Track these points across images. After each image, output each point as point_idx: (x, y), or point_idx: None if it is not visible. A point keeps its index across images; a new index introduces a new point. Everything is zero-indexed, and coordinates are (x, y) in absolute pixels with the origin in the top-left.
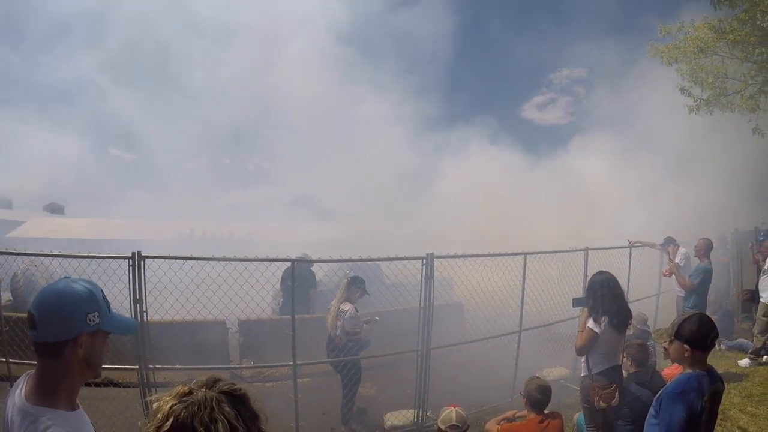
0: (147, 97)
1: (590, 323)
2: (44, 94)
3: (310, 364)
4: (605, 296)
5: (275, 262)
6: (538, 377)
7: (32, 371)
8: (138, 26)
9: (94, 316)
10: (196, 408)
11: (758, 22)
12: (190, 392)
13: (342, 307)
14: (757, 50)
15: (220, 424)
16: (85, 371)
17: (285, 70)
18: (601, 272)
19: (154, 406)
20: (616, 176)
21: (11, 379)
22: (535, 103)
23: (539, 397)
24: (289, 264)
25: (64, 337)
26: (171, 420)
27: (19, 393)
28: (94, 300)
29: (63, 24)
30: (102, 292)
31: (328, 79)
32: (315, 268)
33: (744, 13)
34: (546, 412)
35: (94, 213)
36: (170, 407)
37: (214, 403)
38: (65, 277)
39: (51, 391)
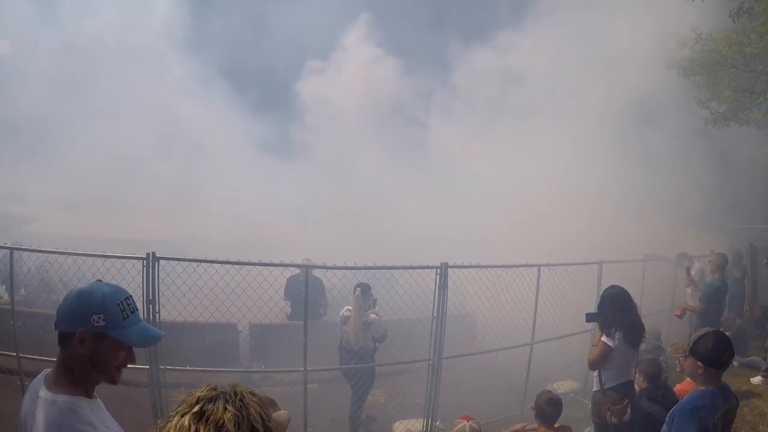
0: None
1: (604, 337)
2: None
3: (320, 371)
4: (618, 311)
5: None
6: (549, 390)
7: (48, 369)
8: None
9: (99, 318)
10: (226, 396)
11: None
12: (216, 388)
13: (367, 319)
14: None
15: (251, 408)
16: (91, 370)
17: None
18: (612, 286)
19: (181, 398)
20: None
21: (21, 374)
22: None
23: (549, 410)
24: (295, 272)
25: (68, 329)
26: (201, 404)
27: (42, 387)
28: (104, 304)
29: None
30: (126, 301)
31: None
32: (329, 274)
33: (762, 26)
34: (556, 425)
35: (109, 211)
36: (198, 397)
37: (243, 392)
38: (98, 281)
39: (67, 379)
